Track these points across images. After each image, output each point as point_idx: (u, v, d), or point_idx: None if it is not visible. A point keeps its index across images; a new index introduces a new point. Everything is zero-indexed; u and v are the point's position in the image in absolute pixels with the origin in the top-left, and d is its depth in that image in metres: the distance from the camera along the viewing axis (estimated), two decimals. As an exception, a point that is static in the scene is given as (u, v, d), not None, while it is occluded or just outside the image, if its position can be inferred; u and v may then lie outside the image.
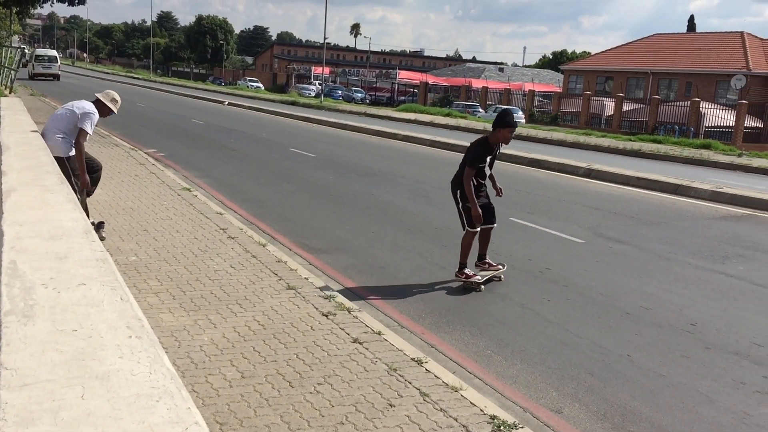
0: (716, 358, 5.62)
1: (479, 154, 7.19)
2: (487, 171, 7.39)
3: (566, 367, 5.30)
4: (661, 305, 6.88)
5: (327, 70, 72.08)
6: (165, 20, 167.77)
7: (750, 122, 35.82)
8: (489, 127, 29.62)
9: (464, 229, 7.37)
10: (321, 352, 5.03)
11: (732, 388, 5.06)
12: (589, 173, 16.65)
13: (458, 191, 7.35)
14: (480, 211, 7.16)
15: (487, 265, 7.55)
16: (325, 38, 58.08)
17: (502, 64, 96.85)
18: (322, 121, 31.36)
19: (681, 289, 7.52)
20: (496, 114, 35.63)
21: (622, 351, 5.65)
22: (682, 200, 13.70)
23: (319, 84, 62.97)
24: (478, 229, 7.34)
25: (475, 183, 7.25)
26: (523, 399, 4.74)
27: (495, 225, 7.59)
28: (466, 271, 7.29)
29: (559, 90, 57.60)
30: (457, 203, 7.40)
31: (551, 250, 8.97)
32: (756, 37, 50.09)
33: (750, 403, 4.83)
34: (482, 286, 7.18)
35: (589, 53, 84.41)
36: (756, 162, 21.98)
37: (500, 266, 7.62)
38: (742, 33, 49.82)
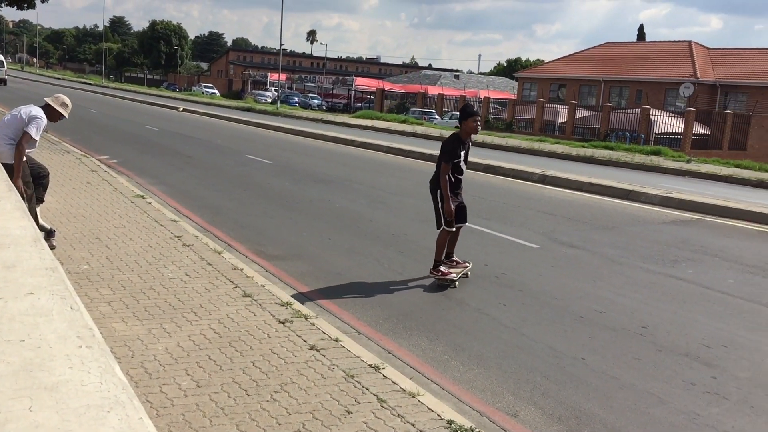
0: (667, 359, 5.74)
1: (453, 149, 7.45)
2: (463, 166, 7.65)
3: (522, 370, 5.36)
4: (613, 308, 7.01)
5: (283, 76, 71.83)
6: (118, 25, 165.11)
7: (698, 129, 36.79)
8: (445, 133, 29.64)
9: (439, 228, 7.59)
10: (278, 360, 4.99)
11: (683, 389, 5.17)
12: (544, 179, 16.88)
13: (438, 191, 7.54)
14: (452, 206, 7.41)
15: (454, 263, 7.80)
16: (281, 44, 57.94)
17: (457, 71, 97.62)
18: (279, 127, 31.20)
19: (633, 292, 7.67)
20: (452, 120, 35.72)
21: (577, 354, 5.73)
22: (634, 205, 13.98)
23: (276, 90, 62.69)
24: (454, 228, 7.61)
25: (452, 180, 7.51)
26: (479, 403, 4.77)
27: (466, 224, 7.90)
28: (442, 268, 7.52)
29: (513, 97, 58.37)
30: (436, 203, 7.61)
31: (507, 256, 9.06)
32: (703, 46, 51.54)
33: (700, 403, 4.94)
34: (456, 283, 7.43)
35: (542, 61, 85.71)
36: (704, 168, 22.56)
37: (467, 263, 7.89)
38: (689, 42, 51.19)
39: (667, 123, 37.36)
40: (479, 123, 7.71)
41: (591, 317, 6.70)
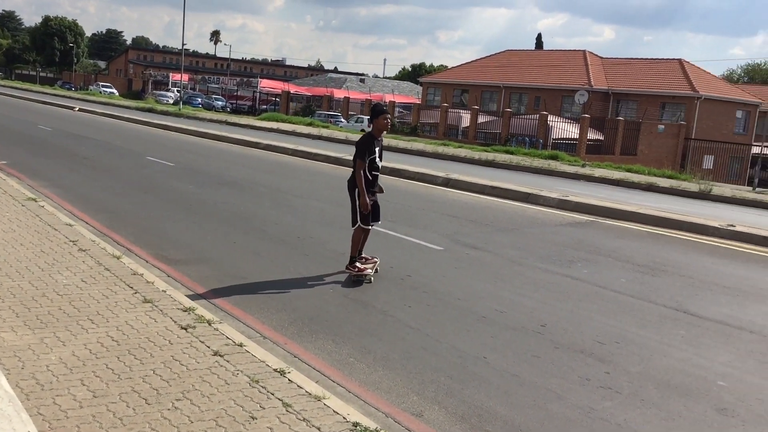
0: (564, 356, 5.95)
1: (368, 145, 7.72)
2: (379, 163, 7.91)
3: (426, 371, 5.43)
4: (514, 308, 7.22)
5: (186, 77, 70.15)
6: (7, 20, 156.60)
7: (592, 135, 38.40)
8: (351, 136, 29.68)
9: (354, 225, 7.88)
10: (179, 367, 4.86)
11: (578, 384, 5.38)
12: (447, 182, 17.20)
13: (356, 189, 7.76)
14: (368, 200, 7.67)
15: (363, 260, 8.03)
16: (183, 44, 56.61)
17: (363, 75, 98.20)
18: (181, 129, 30.43)
19: (532, 292, 7.92)
20: (357, 123, 36.04)
21: (479, 353, 5.87)
22: (533, 208, 14.45)
23: (178, 91, 61.13)
24: (371, 227, 7.95)
25: (370, 177, 7.78)
26: (385, 405, 4.81)
27: (379, 222, 8.24)
28: (358, 264, 7.83)
29: (418, 101, 59.16)
30: (354, 201, 7.87)
31: (412, 258, 9.18)
32: (596, 55, 53.85)
33: (594, 398, 5.15)
34: (371, 278, 7.77)
35: (446, 67, 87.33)
36: (597, 172, 23.58)
37: (375, 258, 8.17)
38: (584, 52, 53.38)
39: (564, 129, 38.82)
40: (389, 120, 8.06)
41: (493, 317, 6.87)
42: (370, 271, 7.84)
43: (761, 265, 10.43)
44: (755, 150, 38.90)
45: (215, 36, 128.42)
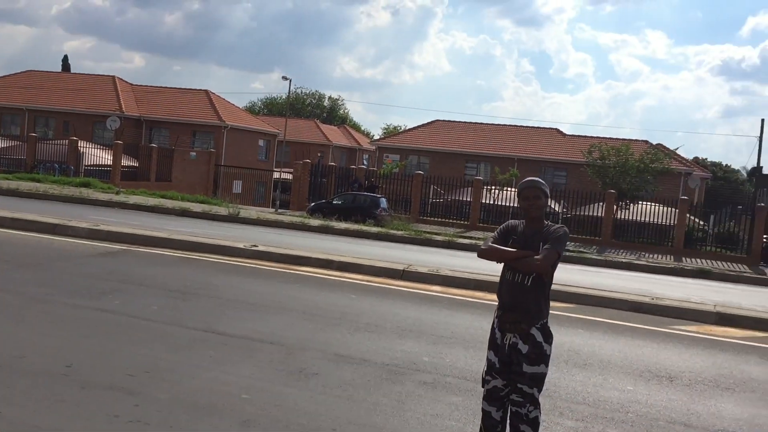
0: (92, 395, 5.67)
1: None
2: None
3: None
4: (36, 351, 6.63)
5: None
6: None
7: (127, 161, 37.86)
8: None
9: None
10: None
11: (106, 423, 5.16)
12: (-43, 216, 15.07)
13: None
14: None
15: None
16: None
17: None
18: None
19: (58, 331, 7.40)
20: None
21: (-9, 409, 5.23)
22: (60, 240, 13.56)
23: None
24: None
25: None
26: None
27: None
28: None
29: None
30: None
31: None
32: (127, 82, 53.47)
33: (123, 433, 5.03)
34: None
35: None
36: (133, 199, 23.35)
37: None
38: (114, 77, 52.50)
39: (97, 155, 37.61)
40: None
41: (10, 364, 6.20)
42: None
43: (279, 279, 11.52)
44: (276, 175, 43.17)
45: None
